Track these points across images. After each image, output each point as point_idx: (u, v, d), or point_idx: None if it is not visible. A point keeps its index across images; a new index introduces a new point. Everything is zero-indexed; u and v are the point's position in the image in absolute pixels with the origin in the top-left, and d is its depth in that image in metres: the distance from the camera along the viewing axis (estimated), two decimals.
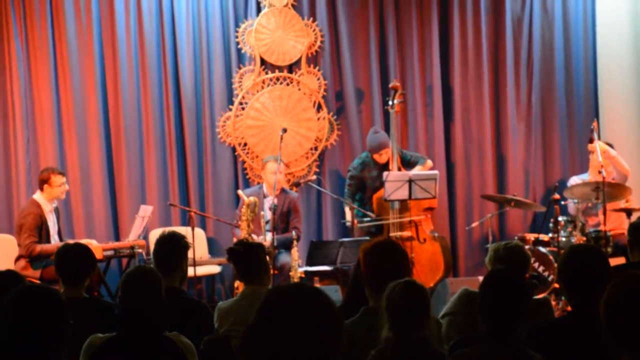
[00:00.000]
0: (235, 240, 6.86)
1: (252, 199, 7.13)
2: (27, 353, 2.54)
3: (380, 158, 7.82)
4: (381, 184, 7.47)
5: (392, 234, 7.57)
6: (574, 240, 7.21)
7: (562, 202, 7.52)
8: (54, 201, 7.19)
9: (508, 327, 3.03)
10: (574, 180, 7.81)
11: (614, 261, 4.89)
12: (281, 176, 7.70)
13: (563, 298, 6.68)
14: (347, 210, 7.88)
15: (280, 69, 8.51)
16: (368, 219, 7.61)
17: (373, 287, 3.58)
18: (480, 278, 3.22)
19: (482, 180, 8.62)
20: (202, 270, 7.62)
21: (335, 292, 6.12)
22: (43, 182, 7.11)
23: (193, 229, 6.92)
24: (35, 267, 6.90)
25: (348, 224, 7.83)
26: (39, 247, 6.89)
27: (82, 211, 8.21)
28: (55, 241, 7.08)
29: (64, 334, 2.61)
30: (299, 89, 8.50)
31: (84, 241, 5.96)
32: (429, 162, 7.95)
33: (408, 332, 3.14)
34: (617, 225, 7.57)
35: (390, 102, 7.85)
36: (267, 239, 7.17)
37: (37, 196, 7.13)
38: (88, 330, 3.39)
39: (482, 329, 3.09)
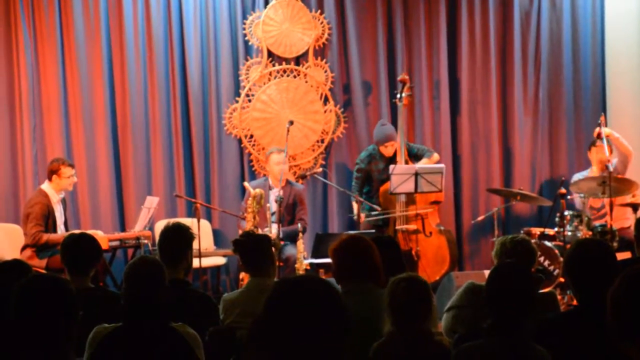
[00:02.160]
0: (240, 232, 6.87)
1: (258, 191, 7.13)
2: (36, 343, 2.54)
3: (386, 150, 7.82)
4: (388, 177, 7.47)
5: (398, 227, 7.58)
6: (580, 234, 7.20)
7: (568, 197, 7.50)
8: (61, 192, 7.20)
9: (514, 321, 3.03)
10: (577, 177, 7.79)
11: (620, 256, 4.88)
12: (285, 167, 7.71)
13: (569, 292, 6.68)
14: (354, 204, 7.87)
15: (288, 61, 8.50)
16: (375, 212, 7.61)
17: (344, 281, 3.66)
18: (486, 272, 3.23)
19: (488, 174, 8.61)
20: (207, 262, 7.63)
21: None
22: (52, 172, 7.12)
23: (199, 221, 6.92)
24: (41, 256, 6.92)
25: (355, 218, 7.81)
26: (46, 236, 6.90)
27: (88, 202, 8.23)
28: (61, 231, 7.09)
29: (73, 324, 2.61)
30: (306, 82, 8.50)
31: (90, 232, 5.96)
32: (436, 156, 7.95)
33: (410, 326, 3.15)
34: (622, 218, 7.55)
35: (398, 95, 7.85)
36: (272, 230, 7.17)
37: (45, 186, 7.14)
38: (94, 320, 3.39)
39: (488, 322, 3.09)
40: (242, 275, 6.96)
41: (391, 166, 7.46)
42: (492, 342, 3.04)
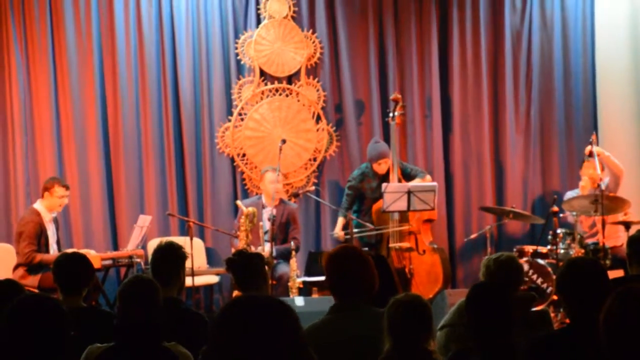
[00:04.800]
0: (233, 250, 6.86)
1: (250, 209, 7.13)
2: None
3: (380, 168, 7.82)
4: (380, 195, 7.48)
5: (391, 245, 7.58)
6: (572, 252, 7.21)
7: (561, 215, 7.52)
8: (53, 212, 7.19)
9: (496, 339, 3.03)
10: (569, 195, 7.81)
11: (612, 274, 4.89)
12: (280, 186, 7.72)
13: (562, 310, 6.68)
14: (339, 220, 7.87)
15: (280, 80, 8.52)
16: (360, 229, 7.60)
17: (337, 293, 3.63)
18: None
19: (480, 192, 8.62)
20: (200, 280, 7.61)
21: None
22: (46, 189, 7.12)
23: (192, 239, 6.91)
24: (34, 273, 6.89)
25: (335, 235, 7.82)
26: (40, 257, 6.88)
27: (80, 220, 8.20)
28: (54, 250, 7.08)
29: (65, 344, 2.60)
30: (298, 100, 8.52)
31: (82, 251, 5.95)
32: (428, 177, 7.96)
33: (410, 346, 3.15)
34: (614, 236, 7.57)
35: (391, 114, 7.87)
36: (265, 249, 7.17)
37: (38, 205, 7.13)
38: (86, 340, 3.38)
39: (473, 342, 3.11)
40: (235, 293, 6.93)
41: (384, 184, 7.46)
42: None
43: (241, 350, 1.85)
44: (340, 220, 7.85)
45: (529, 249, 7.47)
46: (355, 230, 7.56)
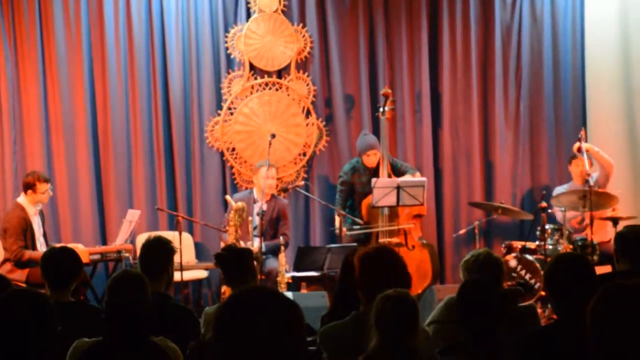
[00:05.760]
0: (222, 245, 6.86)
1: (240, 204, 7.13)
2: (14, 358, 2.53)
3: (369, 160, 7.82)
4: (370, 190, 7.48)
5: (381, 241, 7.58)
6: (560, 248, 7.24)
7: (549, 210, 7.55)
8: (38, 204, 7.15)
9: (485, 335, 3.04)
10: (558, 190, 7.84)
11: (600, 270, 4.91)
12: (273, 181, 7.71)
13: (549, 306, 6.70)
14: (337, 217, 7.86)
15: (270, 74, 8.51)
16: (357, 226, 7.60)
17: (367, 293, 3.58)
18: None
19: (469, 188, 8.64)
20: (189, 275, 7.60)
21: (322, 298, 6.12)
22: (28, 186, 7.06)
23: (180, 234, 6.90)
24: (22, 267, 6.87)
25: (337, 231, 7.79)
26: (28, 254, 6.85)
27: (69, 215, 8.18)
28: (40, 244, 7.05)
29: (52, 338, 2.59)
30: (288, 95, 8.51)
31: (70, 245, 5.92)
32: (418, 174, 7.97)
33: (396, 342, 3.16)
34: (603, 232, 7.60)
35: (381, 109, 7.87)
36: (254, 244, 7.17)
37: (21, 199, 7.09)
38: (74, 334, 3.37)
39: (463, 337, 3.12)
40: (224, 288, 6.95)
41: (373, 179, 7.47)
42: (471, 356, 3.05)
43: (247, 343, 1.86)
44: (338, 218, 7.81)
45: (518, 244, 7.50)
46: (355, 227, 7.57)
